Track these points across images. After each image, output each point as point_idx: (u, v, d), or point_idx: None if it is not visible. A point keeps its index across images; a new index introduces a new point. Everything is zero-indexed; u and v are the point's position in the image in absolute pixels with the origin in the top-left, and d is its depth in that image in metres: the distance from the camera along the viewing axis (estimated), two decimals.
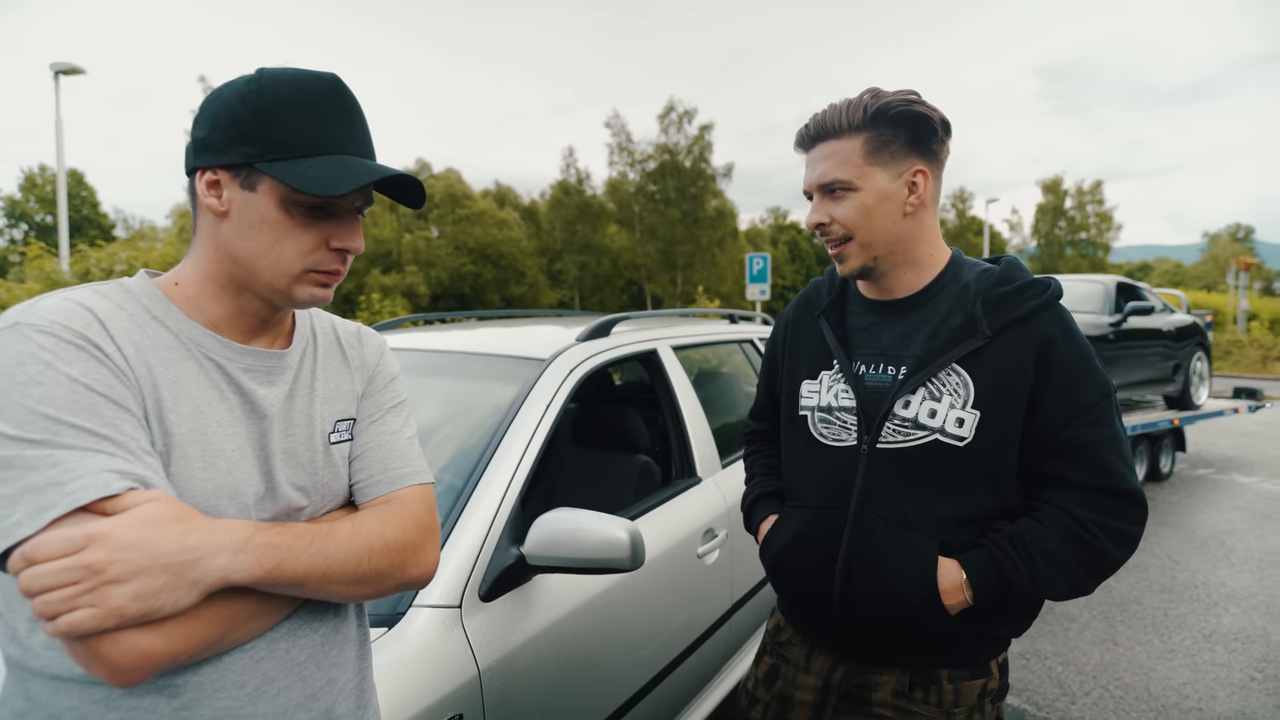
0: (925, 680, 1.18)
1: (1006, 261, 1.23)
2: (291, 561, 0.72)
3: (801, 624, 1.32)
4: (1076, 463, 1.10)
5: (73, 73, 11.94)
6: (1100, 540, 1.08)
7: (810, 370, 1.29)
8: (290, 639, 0.80)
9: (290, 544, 0.73)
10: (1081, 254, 47.91)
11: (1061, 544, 1.09)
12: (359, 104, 0.83)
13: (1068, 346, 1.12)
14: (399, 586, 0.84)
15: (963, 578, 1.10)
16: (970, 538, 1.13)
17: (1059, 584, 1.10)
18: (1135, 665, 3.23)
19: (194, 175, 0.79)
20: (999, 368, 1.11)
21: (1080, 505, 1.10)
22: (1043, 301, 1.13)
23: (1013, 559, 1.08)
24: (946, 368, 1.13)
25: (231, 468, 0.77)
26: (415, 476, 0.91)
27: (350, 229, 0.82)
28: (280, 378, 0.85)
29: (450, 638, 1.32)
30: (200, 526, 0.68)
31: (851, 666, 1.24)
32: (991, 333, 1.12)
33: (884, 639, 1.19)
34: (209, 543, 0.67)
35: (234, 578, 0.69)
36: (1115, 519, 1.09)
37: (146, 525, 0.64)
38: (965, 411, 1.11)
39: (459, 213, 42.77)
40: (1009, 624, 1.18)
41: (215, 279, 0.80)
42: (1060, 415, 1.10)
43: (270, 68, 0.79)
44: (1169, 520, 5.50)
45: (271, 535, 0.72)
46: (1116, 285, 6.58)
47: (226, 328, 0.81)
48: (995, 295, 1.15)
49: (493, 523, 1.49)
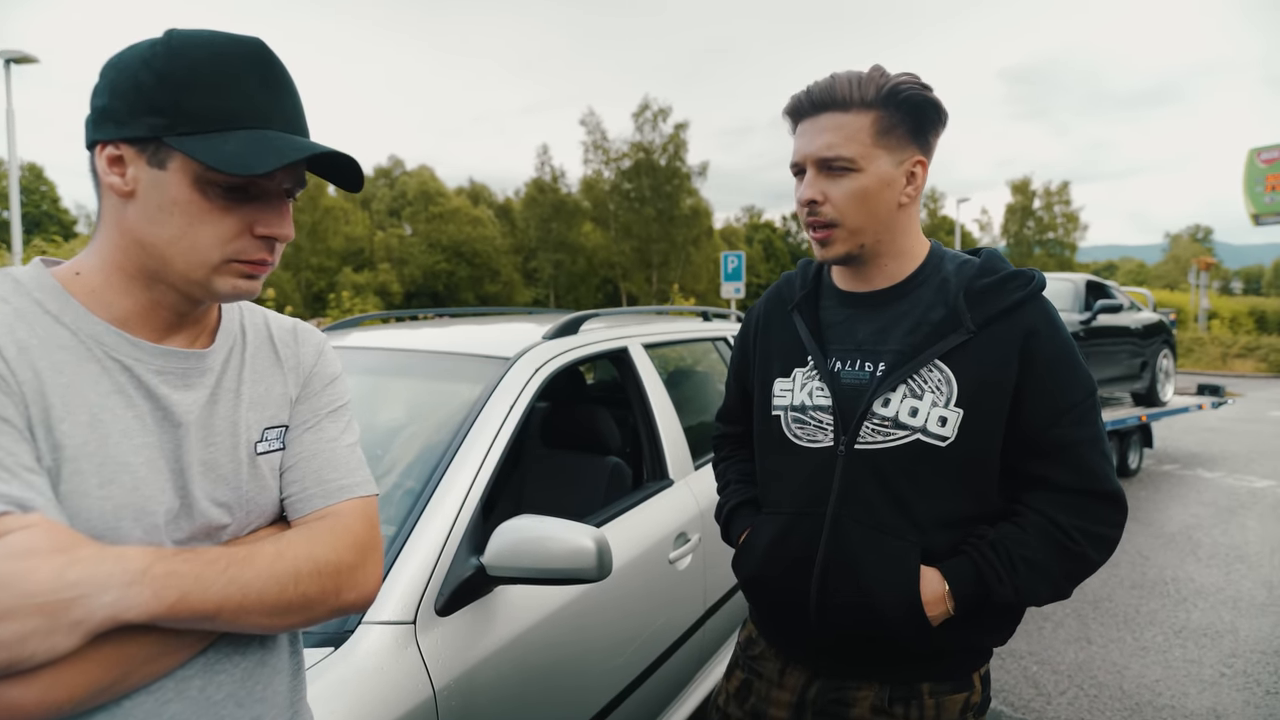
0: (905, 694, 1.11)
1: (987, 253, 1.17)
2: (200, 593, 0.63)
3: (775, 637, 1.25)
4: (1060, 463, 1.06)
5: (25, 61, 11.50)
6: (1082, 546, 1.05)
7: (783, 368, 1.22)
8: (206, 676, 0.71)
9: (199, 572, 0.64)
10: (1049, 253, 48.79)
11: (1044, 551, 1.04)
12: (288, 73, 0.73)
13: (1052, 340, 1.07)
14: (334, 612, 0.75)
15: (945, 588, 1.05)
16: (951, 542, 1.08)
17: (1041, 591, 1.06)
18: (1109, 663, 3.23)
19: (94, 150, 0.69)
20: (983, 363, 1.06)
21: (1062, 510, 1.06)
22: (1027, 293, 1.08)
23: (996, 568, 1.04)
24: (929, 364, 1.07)
25: (137, 483, 0.68)
26: (355, 489, 0.82)
27: (277, 214, 0.72)
28: (200, 380, 0.75)
29: (403, 656, 1.23)
30: (86, 558, 0.59)
31: (827, 682, 1.17)
32: (975, 327, 1.06)
33: (861, 652, 1.13)
34: (94, 576, 0.58)
35: (126, 616, 0.60)
36: (1097, 523, 1.06)
37: (17, 558, 0.55)
38: (948, 410, 1.05)
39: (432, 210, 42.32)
40: (991, 633, 1.13)
41: (123, 269, 0.71)
42: (1045, 413, 1.06)
43: (182, 29, 0.69)
44: (1138, 516, 5.56)
45: (175, 563, 0.63)
46: (1086, 283, 6.65)
47: (137, 324, 0.72)
48: (978, 287, 1.09)
49: (451, 531, 1.41)
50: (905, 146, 1.08)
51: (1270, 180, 21.79)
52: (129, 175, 0.68)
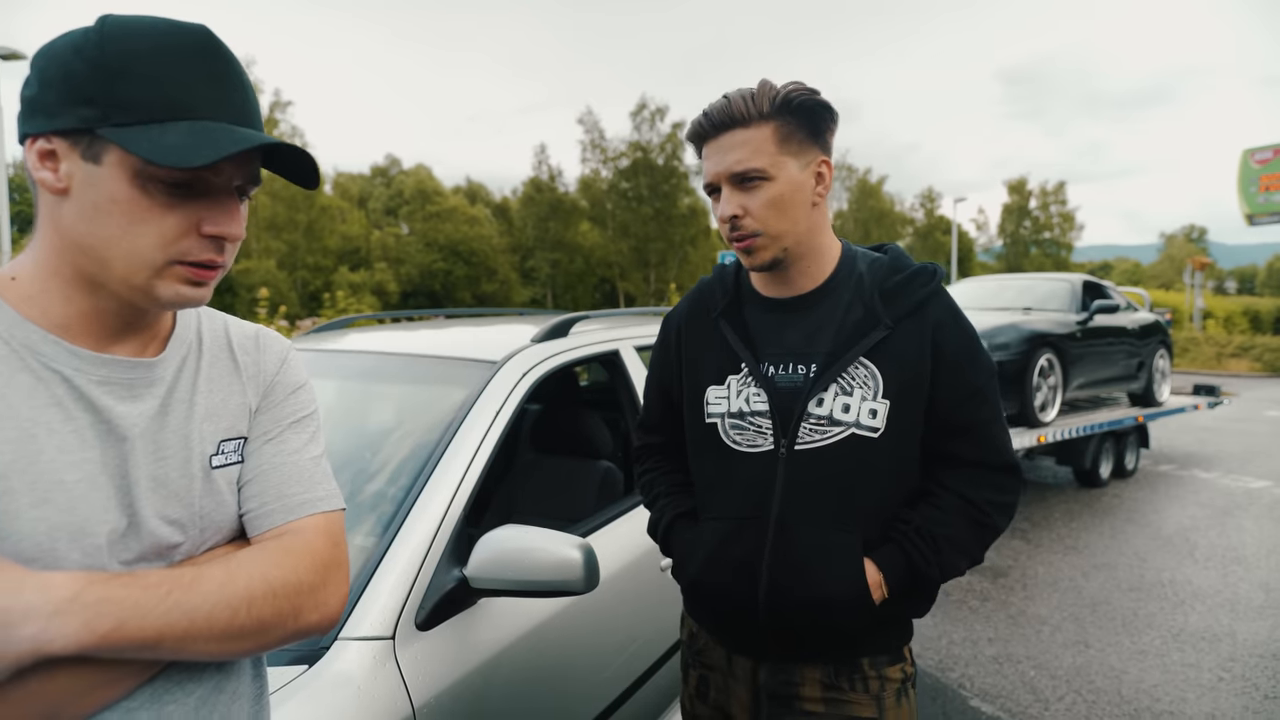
0: (849, 671, 1.18)
1: (892, 250, 1.24)
2: (138, 621, 0.59)
3: (717, 632, 1.27)
4: (968, 440, 1.16)
5: (12, 58, 11.40)
6: (991, 517, 1.15)
7: (715, 376, 1.23)
8: (154, 707, 0.66)
9: (137, 598, 0.60)
10: (1045, 253, 48.87)
11: (960, 527, 1.14)
12: (236, 62, 0.68)
13: (957, 330, 1.16)
14: (292, 636, 0.71)
15: (879, 576, 1.12)
16: (882, 530, 1.15)
17: (959, 563, 1.15)
18: (1107, 668, 3.20)
19: (25, 144, 0.64)
20: (902, 356, 1.13)
21: (971, 485, 1.15)
22: (932, 289, 1.17)
23: (922, 551, 1.12)
24: (855, 361, 1.14)
25: (74, 502, 0.63)
26: (318, 503, 0.77)
27: (226, 212, 0.67)
28: (148, 391, 0.71)
29: (381, 673, 1.19)
30: (6, 582, 0.54)
31: (774, 665, 1.20)
32: (892, 322, 1.14)
33: (803, 636, 1.16)
34: (13, 606, 0.54)
35: (51, 648, 0.56)
36: (1001, 493, 1.16)
37: None
38: (876, 402, 1.12)
39: (429, 209, 42.20)
40: (915, 607, 1.21)
41: (59, 273, 0.66)
42: (955, 395, 1.14)
43: (118, 14, 0.65)
44: (1135, 518, 5.53)
45: (111, 589, 0.59)
46: (1083, 284, 6.62)
47: (78, 332, 0.67)
48: (890, 286, 1.16)
49: (432, 542, 1.36)
50: (807, 149, 1.13)
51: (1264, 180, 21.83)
52: (62, 171, 0.64)
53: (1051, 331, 5.62)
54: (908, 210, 50.89)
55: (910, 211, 50.97)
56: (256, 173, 0.70)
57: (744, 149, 1.10)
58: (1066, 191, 49.59)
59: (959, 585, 4.19)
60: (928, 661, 3.28)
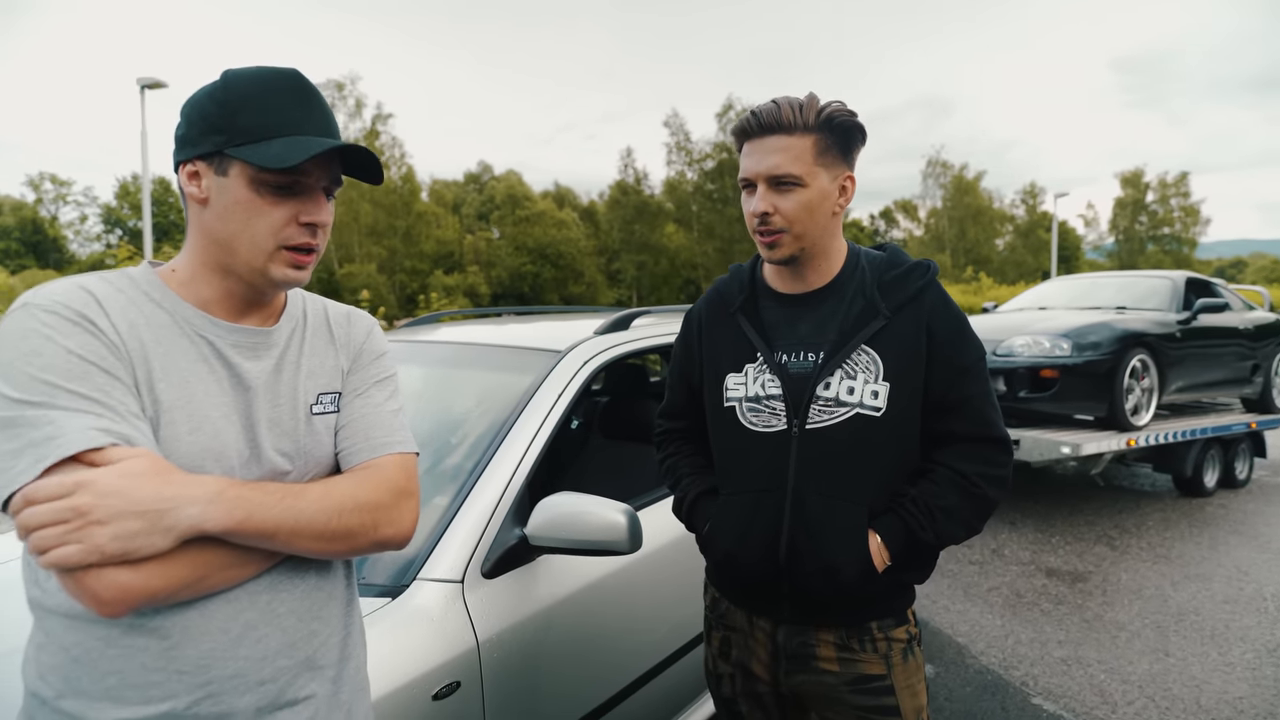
0: (860, 634, 1.29)
1: (890, 249, 1.37)
2: (261, 515, 0.80)
3: (740, 599, 1.38)
4: (961, 416, 1.26)
5: (156, 86, 12.73)
6: (982, 488, 1.25)
7: (734, 364, 1.35)
8: (271, 592, 0.88)
9: (261, 499, 0.81)
10: (1164, 250, 45.38)
11: (955, 498, 1.24)
12: (317, 92, 0.91)
13: (948, 316, 1.28)
14: (374, 545, 0.90)
15: (878, 541, 1.24)
16: (885, 502, 1.26)
17: (956, 532, 1.25)
18: (1187, 677, 3.09)
19: (178, 170, 0.88)
20: (900, 342, 1.25)
21: (963, 459, 1.26)
22: (926, 281, 1.29)
23: (918, 518, 1.23)
24: (857, 348, 1.26)
25: (217, 432, 0.86)
26: (396, 445, 0.97)
27: (316, 204, 0.89)
28: (266, 353, 0.93)
29: (451, 610, 1.40)
30: (177, 480, 0.77)
31: (790, 627, 1.32)
32: (890, 313, 1.26)
33: (817, 600, 1.27)
34: (184, 494, 0.76)
35: (205, 526, 0.77)
36: (991, 465, 1.26)
37: (127, 476, 0.73)
38: (878, 384, 1.24)
39: (519, 214, 43.56)
40: (915, 573, 1.32)
41: (204, 264, 0.90)
42: (947, 374, 1.26)
43: (234, 68, 0.89)
44: (1241, 529, 5.20)
45: (244, 490, 0.80)
46: (1186, 281, 6.25)
47: (218, 308, 0.90)
48: (888, 279, 1.29)
49: (498, 504, 1.57)
50: (838, 164, 1.26)
51: None
52: (203, 185, 0.87)
53: (1147, 331, 5.36)
54: (1007, 207, 48.45)
55: (1010, 208, 48.51)
56: (338, 175, 0.92)
57: (784, 154, 1.22)
58: (1189, 183, 45.97)
59: (1032, 587, 4.11)
60: (990, 659, 3.26)
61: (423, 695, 1.29)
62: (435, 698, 1.31)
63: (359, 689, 1.00)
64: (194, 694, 0.82)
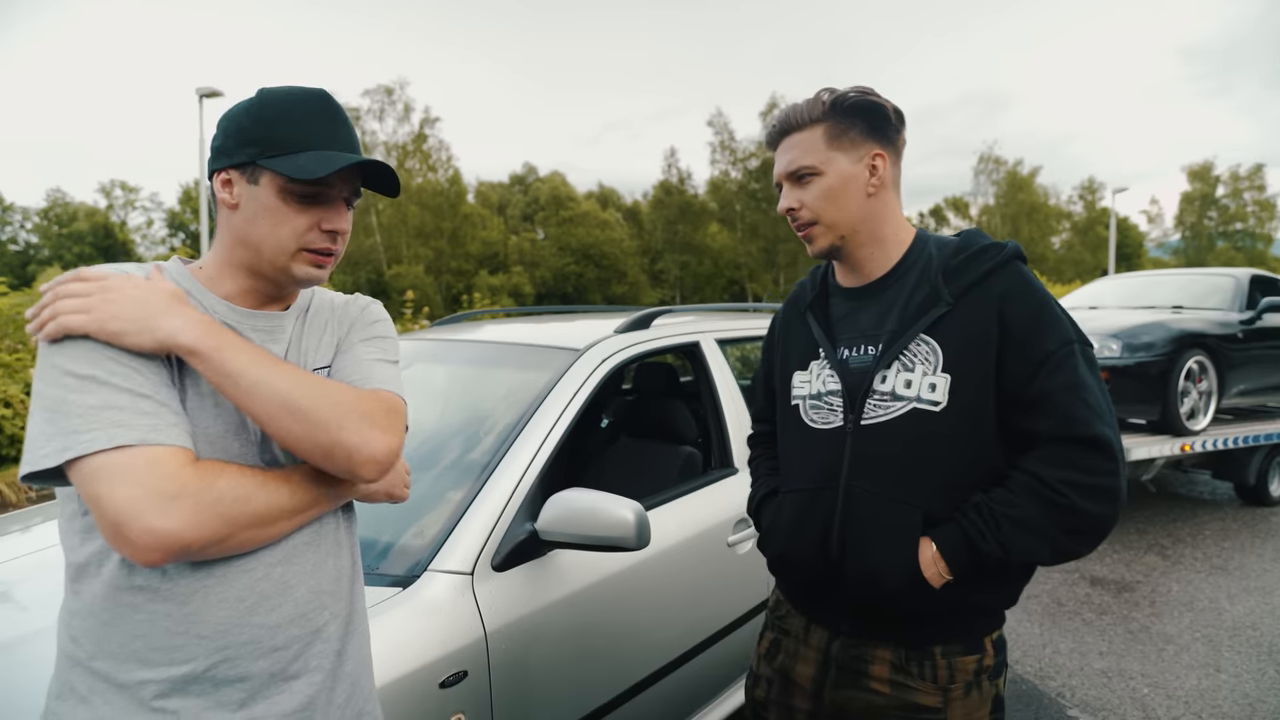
0: (919, 656, 1.19)
1: (966, 232, 1.27)
2: (232, 354, 0.85)
3: (800, 602, 1.35)
4: (1040, 413, 1.11)
5: (213, 95, 13.28)
6: (1069, 498, 1.08)
7: (800, 362, 1.34)
8: (285, 565, 0.94)
9: (239, 344, 0.87)
10: (1236, 246, 43.28)
11: (1031, 508, 1.10)
12: (343, 110, 0.98)
13: (1025, 300, 1.15)
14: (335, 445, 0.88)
15: (933, 550, 1.13)
16: (951, 508, 1.15)
17: (1035, 548, 1.11)
18: (1239, 694, 2.95)
19: (212, 178, 0.96)
20: (964, 330, 1.15)
21: (1045, 464, 1.11)
22: (998, 261, 1.17)
23: (979, 526, 1.11)
24: (915, 338, 1.18)
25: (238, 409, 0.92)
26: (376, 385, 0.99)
27: (337, 213, 0.96)
28: (281, 335, 1.01)
29: (461, 600, 1.43)
30: (175, 303, 0.87)
31: (848, 639, 1.25)
32: (953, 299, 1.16)
33: (877, 614, 1.21)
34: (172, 310, 0.86)
35: (179, 338, 0.84)
36: (1082, 473, 1.09)
37: (140, 288, 0.86)
38: (937, 376, 1.15)
39: (563, 214, 43.92)
40: (991, 593, 1.19)
41: (230, 262, 0.97)
42: (1023, 367, 1.12)
43: (269, 87, 0.96)
44: None
45: (229, 335, 0.87)
46: (1250, 279, 5.95)
47: (240, 300, 0.98)
48: (953, 264, 1.20)
49: (510, 499, 1.60)
50: (862, 144, 1.22)
51: None
52: (235, 192, 0.94)
53: (1206, 332, 5.12)
54: (1064, 203, 46.83)
55: (1068, 204, 46.89)
56: (358, 187, 0.99)
57: (796, 150, 1.24)
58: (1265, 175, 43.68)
59: (1074, 596, 3.97)
60: (1026, 668, 3.17)
61: (430, 682, 1.33)
62: (442, 685, 1.34)
63: (363, 664, 1.05)
64: (212, 657, 0.88)
